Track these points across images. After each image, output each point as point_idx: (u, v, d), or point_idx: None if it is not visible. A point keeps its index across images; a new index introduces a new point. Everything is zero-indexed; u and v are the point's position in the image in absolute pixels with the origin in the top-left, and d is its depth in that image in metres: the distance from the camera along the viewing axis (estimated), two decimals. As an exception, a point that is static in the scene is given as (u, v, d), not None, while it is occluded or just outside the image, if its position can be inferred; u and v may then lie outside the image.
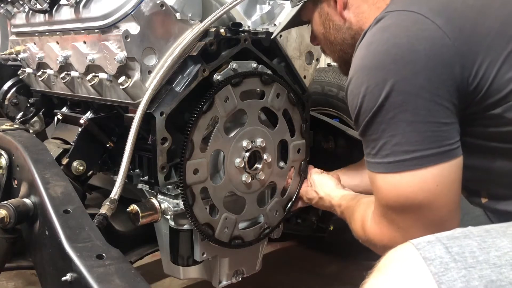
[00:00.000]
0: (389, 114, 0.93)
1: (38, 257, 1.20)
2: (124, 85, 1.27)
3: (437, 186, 0.93)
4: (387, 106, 0.93)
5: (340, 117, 2.23)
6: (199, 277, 1.56)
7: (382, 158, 0.96)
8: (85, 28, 1.38)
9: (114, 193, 1.21)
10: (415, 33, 0.93)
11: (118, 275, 0.98)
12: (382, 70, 0.94)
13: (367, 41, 1.00)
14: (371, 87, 0.95)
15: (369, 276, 0.79)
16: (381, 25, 0.98)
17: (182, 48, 1.30)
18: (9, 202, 1.19)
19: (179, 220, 1.40)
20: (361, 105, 0.97)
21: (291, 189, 1.61)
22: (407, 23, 0.95)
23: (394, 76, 0.92)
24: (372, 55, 0.97)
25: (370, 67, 0.96)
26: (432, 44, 0.91)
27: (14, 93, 1.87)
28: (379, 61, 0.95)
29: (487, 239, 0.75)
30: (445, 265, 0.72)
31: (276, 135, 1.53)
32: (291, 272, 2.26)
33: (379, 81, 0.93)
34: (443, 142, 0.92)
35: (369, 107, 0.95)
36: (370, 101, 0.95)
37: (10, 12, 1.74)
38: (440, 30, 0.91)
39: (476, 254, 0.73)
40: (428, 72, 0.90)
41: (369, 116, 0.96)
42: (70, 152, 1.46)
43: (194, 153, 1.32)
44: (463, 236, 0.76)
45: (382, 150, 0.96)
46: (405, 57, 0.92)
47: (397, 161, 0.94)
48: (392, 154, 0.94)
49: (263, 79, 1.45)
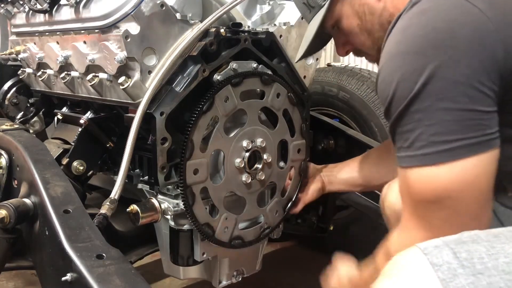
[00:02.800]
0: (426, 102, 0.87)
1: (38, 257, 1.20)
2: (124, 85, 1.27)
3: (475, 177, 0.88)
4: (425, 93, 0.87)
5: (340, 117, 2.23)
6: (199, 277, 1.56)
7: (417, 150, 0.90)
8: (85, 28, 1.38)
9: (114, 193, 1.21)
10: (455, 18, 0.88)
11: (118, 275, 0.98)
12: (420, 56, 0.88)
13: (402, 25, 0.94)
14: (408, 74, 0.89)
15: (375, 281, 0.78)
16: (418, 9, 0.93)
17: (182, 48, 1.30)
18: (9, 202, 1.19)
19: (179, 220, 1.40)
20: (395, 93, 0.91)
21: (291, 190, 1.61)
22: (447, 7, 0.90)
23: (433, 61, 0.87)
24: (409, 39, 0.91)
25: (407, 52, 0.91)
26: (473, 29, 0.86)
27: (14, 93, 1.87)
28: (417, 46, 0.89)
29: (495, 244, 0.74)
30: (453, 271, 0.71)
31: (276, 135, 1.53)
32: (291, 272, 2.26)
33: (416, 67, 0.88)
34: (483, 131, 0.87)
35: (404, 94, 0.89)
36: (406, 89, 0.89)
37: (10, 12, 1.74)
38: (483, 14, 0.87)
39: (484, 260, 0.71)
40: (470, 58, 0.86)
41: (403, 104, 0.90)
42: (70, 152, 1.46)
43: (194, 153, 1.32)
44: (471, 241, 0.75)
45: (417, 141, 0.90)
46: (445, 42, 0.87)
47: (435, 152, 0.88)
48: (429, 145, 0.88)
49: (263, 79, 1.45)
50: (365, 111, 2.12)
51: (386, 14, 1.11)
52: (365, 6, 1.13)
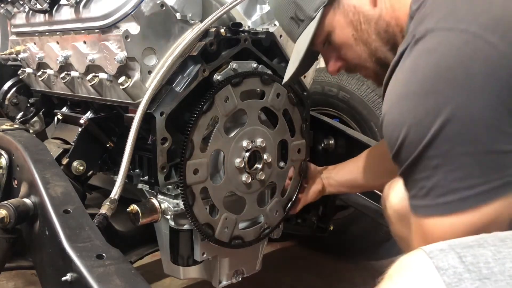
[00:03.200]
0: (444, 146, 0.82)
1: (38, 257, 1.20)
2: (124, 85, 1.27)
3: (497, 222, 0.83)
4: (442, 137, 0.81)
5: (340, 117, 2.23)
6: (199, 277, 1.56)
7: (436, 198, 0.84)
8: (85, 28, 1.38)
9: (114, 193, 1.21)
10: (468, 55, 0.82)
11: (118, 275, 0.98)
12: (433, 97, 0.82)
13: (409, 65, 0.88)
14: (420, 117, 0.83)
15: (379, 283, 0.77)
16: (425, 47, 0.87)
17: (182, 48, 1.30)
18: (9, 202, 1.19)
19: (179, 220, 1.40)
20: (406, 137, 0.85)
21: (291, 190, 1.61)
22: (457, 44, 0.83)
23: (448, 103, 0.81)
24: (419, 80, 0.85)
25: (418, 94, 0.84)
26: (488, 66, 0.81)
27: (14, 93, 1.87)
28: (429, 86, 0.83)
29: (502, 249, 0.73)
30: (459, 275, 0.70)
31: (276, 135, 1.53)
32: (291, 272, 2.26)
33: (430, 109, 0.82)
34: (507, 172, 0.81)
35: (418, 139, 0.83)
36: (420, 133, 0.83)
37: (10, 12, 1.74)
38: (495, 49, 0.81)
39: (491, 265, 0.70)
40: (488, 97, 0.80)
41: (418, 150, 0.84)
42: (70, 152, 1.46)
43: (194, 153, 1.32)
44: (477, 245, 0.74)
45: (436, 189, 0.83)
46: (460, 81, 0.81)
47: (457, 199, 0.82)
48: (450, 192, 0.82)
49: (263, 79, 1.45)
50: (365, 111, 2.12)
51: (382, 23, 1.06)
52: (360, 14, 1.08)
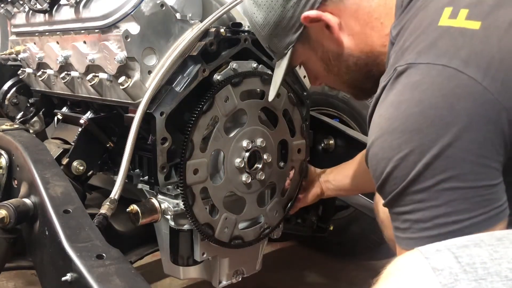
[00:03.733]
0: (429, 182, 0.82)
1: (38, 257, 1.20)
2: (124, 85, 1.27)
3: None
4: (427, 173, 0.81)
5: (340, 117, 2.23)
6: (199, 277, 1.56)
7: (419, 232, 0.84)
8: (85, 28, 1.38)
9: (114, 193, 1.21)
10: (452, 91, 0.81)
11: (118, 275, 0.98)
12: (418, 135, 0.82)
13: (393, 99, 0.88)
14: (405, 153, 0.83)
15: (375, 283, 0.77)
16: (408, 81, 0.86)
17: (182, 48, 1.30)
18: (9, 202, 1.19)
19: (179, 220, 1.40)
20: (391, 173, 0.85)
21: (291, 190, 1.61)
22: (440, 79, 0.82)
23: (433, 141, 0.81)
24: (404, 116, 0.84)
25: (403, 131, 0.84)
26: (473, 102, 0.80)
27: (14, 93, 1.87)
28: (413, 124, 0.83)
29: (498, 248, 0.72)
30: (455, 276, 0.69)
31: (276, 135, 1.53)
32: (291, 272, 2.26)
33: (415, 146, 0.82)
34: (492, 206, 0.81)
35: (403, 175, 0.83)
36: (405, 169, 0.83)
37: (10, 12, 1.74)
38: (479, 85, 0.80)
39: (487, 265, 0.70)
40: (473, 133, 0.80)
41: (402, 185, 0.84)
42: (70, 152, 1.46)
43: (194, 153, 1.32)
44: (473, 245, 0.73)
45: (419, 223, 0.84)
46: (445, 119, 0.81)
47: (442, 233, 0.82)
48: (434, 227, 0.82)
49: (263, 79, 1.45)
50: (365, 111, 2.11)
51: (352, 58, 1.08)
52: (329, 52, 1.10)
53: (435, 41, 0.86)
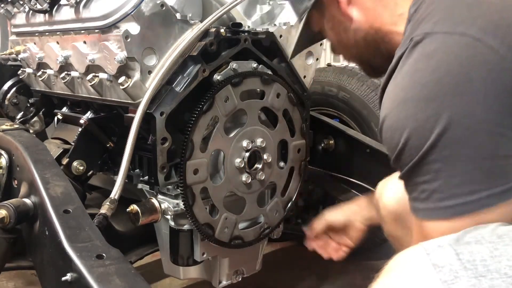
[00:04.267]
0: (445, 151, 0.81)
1: (38, 257, 1.19)
2: (124, 85, 1.27)
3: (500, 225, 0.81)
4: (443, 142, 0.81)
5: (340, 117, 2.23)
6: (199, 277, 1.56)
7: (437, 202, 0.84)
8: (85, 28, 1.38)
9: (114, 193, 1.21)
10: (468, 59, 0.81)
11: (118, 275, 0.98)
12: (434, 102, 0.82)
13: (409, 69, 0.88)
14: (421, 122, 0.83)
15: (376, 279, 0.78)
16: (424, 51, 0.86)
17: (182, 48, 1.30)
18: (9, 202, 1.18)
19: (179, 220, 1.40)
20: (406, 143, 0.85)
21: (291, 190, 1.61)
22: (457, 48, 0.83)
23: (449, 108, 0.81)
24: (419, 85, 0.84)
25: (418, 99, 0.84)
26: (489, 70, 0.80)
27: (14, 93, 1.87)
28: (429, 91, 0.83)
29: (499, 246, 0.73)
30: (455, 273, 0.70)
31: (276, 135, 1.53)
32: (291, 272, 2.26)
33: (430, 114, 0.82)
34: (509, 177, 0.80)
35: (419, 144, 0.83)
36: (421, 138, 0.83)
37: (10, 12, 1.74)
38: (496, 53, 0.80)
39: (487, 263, 0.70)
40: (489, 101, 0.80)
41: (419, 154, 0.83)
42: (70, 152, 1.46)
43: (194, 153, 1.32)
44: (474, 242, 0.74)
45: (437, 193, 0.83)
46: (461, 86, 0.80)
47: (459, 204, 0.82)
48: (451, 197, 0.82)
49: (263, 79, 1.45)
50: (365, 111, 2.12)
51: (360, 33, 1.09)
52: (340, 25, 1.12)
53: (451, 10, 0.87)
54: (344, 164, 1.80)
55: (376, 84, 2.17)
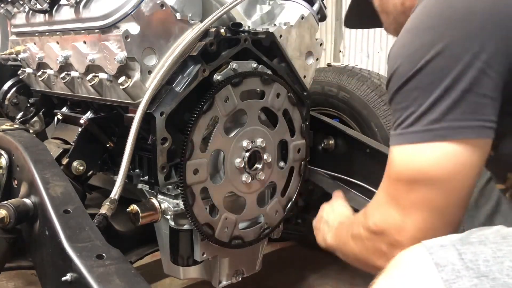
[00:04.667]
0: (427, 79, 0.84)
1: (38, 257, 1.19)
2: (124, 85, 1.27)
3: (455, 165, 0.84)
4: (427, 70, 0.84)
5: (340, 117, 2.23)
6: (199, 277, 1.56)
7: (406, 128, 0.87)
8: (85, 28, 1.38)
9: (114, 193, 1.21)
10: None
11: (118, 275, 0.98)
12: (431, 31, 0.85)
13: (423, 4, 0.92)
14: (415, 48, 0.86)
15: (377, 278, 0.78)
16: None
17: (182, 48, 1.30)
18: (9, 202, 1.19)
19: (179, 220, 1.40)
20: (397, 68, 0.88)
21: (291, 190, 1.61)
22: None
23: (444, 38, 0.83)
24: (424, 16, 0.89)
25: (419, 28, 0.88)
26: (491, 8, 0.82)
27: (14, 93, 1.87)
28: (430, 22, 0.87)
29: (502, 246, 0.73)
30: (457, 272, 0.70)
31: (276, 135, 1.53)
32: (291, 272, 2.26)
33: (425, 42, 0.85)
34: (478, 116, 0.82)
35: (406, 70, 0.86)
36: (410, 63, 0.86)
37: (10, 12, 1.74)
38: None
39: (489, 263, 0.70)
40: (484, 36, 0.81)
41: (403, 80, 0.87)
42: (70, 152, 1.46)
43: (194, 153, 1.32)
44: (478, 242, 0.74)
45: (408, 119, 0.86)
46: (460, 19, 0.83)
47: (422, 130, 0.85)
48: (418, 123, 0.85)
49: (263, 79, 1.45)
50: (365, 111, 2.12)
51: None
52: None
53: None
54: (344, 164, 1.80)
55: (376, 84, 2.17)
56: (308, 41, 1.63)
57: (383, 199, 0.96)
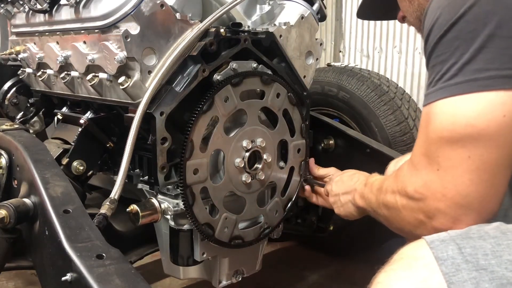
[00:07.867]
0: (468, 27, 0.80)
1: (38, 257, 1.19)
2: (124, 85, 1.27)
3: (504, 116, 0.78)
4: (468, 17, 0.80)
5: (340, 117, 2.23)
6: (199, 277, 1.56)
7: (447, 81, 0.82)
8: (85, 28, 1.38)
9: (114, 193, 1.21)
10: None
11: (118, 275, 0.98)
12: None
13: None
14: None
15: (380, 271, 0.79)
16: None
17: (182, 48, 1.30)
18: (9, 202, 1.18)
19: (179, 220, 1.40)
20: (438, 18, 0.84)
21: (291, 189, 1.61)
22: None
23: None
24: None
25: None
26: None
27: (14, 93, 1.87)
28: None
29: (501, 241, 0.74)
30: (457, 266, 0.71)
31: (276, 135, 1.53)
32: (291, 272, 2.26)
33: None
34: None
35: (447, 18, 0.82)
36: (450, 12, 0.82)
37: (10, 12, 1.74)
38: None
39: (488, 257, 0.72)
40: None
41: (443, 30, 0.83)
42: (70, 152, 1.46)
43: (194, 153, 1.32)
44: (477, 237, 0.75)
45: (449, 71, 0.82)
46: None
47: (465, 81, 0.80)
48: (460, 74, 0.80)
49: (263, 79, 1.45)
50: (365, 111, 2.12)
51: None
52: None
53: None
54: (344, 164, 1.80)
55: (376, 84, 2.18)
56: (308, 41, 1.63)
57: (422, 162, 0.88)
